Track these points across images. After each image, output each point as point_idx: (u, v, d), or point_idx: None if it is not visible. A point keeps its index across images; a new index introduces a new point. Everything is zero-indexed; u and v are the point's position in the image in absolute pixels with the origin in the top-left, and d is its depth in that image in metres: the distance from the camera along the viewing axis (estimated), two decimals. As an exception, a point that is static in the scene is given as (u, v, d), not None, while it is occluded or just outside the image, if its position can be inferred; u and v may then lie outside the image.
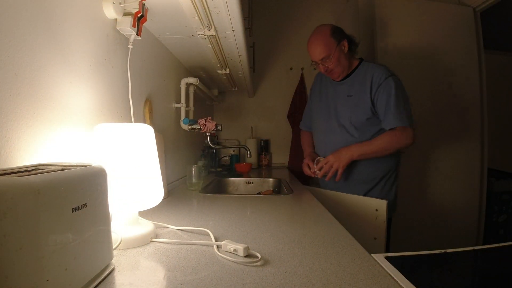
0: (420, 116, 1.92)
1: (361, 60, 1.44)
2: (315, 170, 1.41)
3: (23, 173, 0.38)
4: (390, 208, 1.39)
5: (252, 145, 2.40)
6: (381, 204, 1.22)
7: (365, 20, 1.97)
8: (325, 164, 1.35)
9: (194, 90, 1.62)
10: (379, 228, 1.20)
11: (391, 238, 1.96)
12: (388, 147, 1.30)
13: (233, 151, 2.36)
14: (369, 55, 1.96)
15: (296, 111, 2.45)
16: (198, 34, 1.16)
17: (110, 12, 0.80)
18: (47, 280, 0.36)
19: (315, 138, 1.60)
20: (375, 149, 1.30)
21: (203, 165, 1.77)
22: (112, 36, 0.84)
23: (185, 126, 1.49)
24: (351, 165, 1.36)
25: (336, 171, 1.33)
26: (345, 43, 1.36)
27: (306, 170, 1.49)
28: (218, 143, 2.43)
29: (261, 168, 2.38)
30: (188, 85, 1.52)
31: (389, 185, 1.41)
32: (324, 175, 1.38)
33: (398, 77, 1.34)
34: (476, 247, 0.75)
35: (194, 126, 1.50)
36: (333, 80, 1.46)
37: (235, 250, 0.60)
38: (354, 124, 1.37)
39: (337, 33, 1.35)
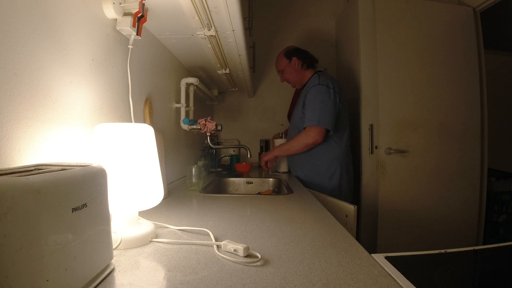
0: (420, 116, 1.92)
1: (316, 72, 1.73)
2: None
3: (23, 173, 0.38)
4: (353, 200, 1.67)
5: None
6: (350, 210, 1.19)
7: (365, 20, 1.97)
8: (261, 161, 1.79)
9: (194, 90, 1.62)
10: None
11: (390, 237, 1.95)
12: (294, 144, 1.63)
13: (233, 151, 2.36)
14: (369, 55, 1.96)
15: (296, 111, 2.45)
16: (198, 34, 1.16)
17: (110, 12, 0.80)
18: (47, 280, 0.36)
19: None
20: (286, 147, 1.68)
21: (203, 165, 1.77)
22: (112, 36, 0.84)
23: (185, 126, 1.49)
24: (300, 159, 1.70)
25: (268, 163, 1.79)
26: (295, 61, 1.73)
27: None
28: (218, 143, 2.43)
29: (261, 168, 2.38)
30: (188, 85, 1.52)
31: (330, 173, 1.65)
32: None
33: (330, 86, 1.58)
34: (476, 247, 0.75)
35: (194, 126, 1.50)
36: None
37: (235, 250, 0.60)
38: (296, 128, 1.71)
39: (289, 54, 1.75)
